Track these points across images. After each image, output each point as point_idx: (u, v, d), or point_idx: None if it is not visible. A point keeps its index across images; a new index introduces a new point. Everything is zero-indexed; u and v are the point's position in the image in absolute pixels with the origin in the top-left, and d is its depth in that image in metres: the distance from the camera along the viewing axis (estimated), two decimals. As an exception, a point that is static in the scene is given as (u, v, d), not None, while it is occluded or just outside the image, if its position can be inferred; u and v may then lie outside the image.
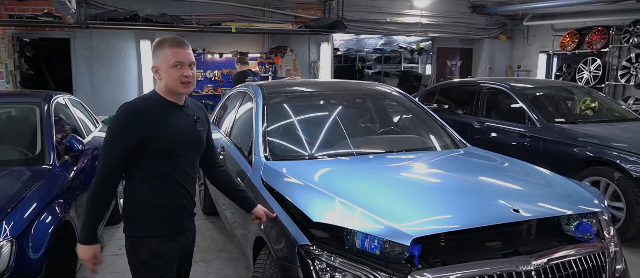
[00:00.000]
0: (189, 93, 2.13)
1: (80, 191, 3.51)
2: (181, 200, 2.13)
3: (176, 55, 2.00)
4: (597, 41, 8.88)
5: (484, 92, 6.21)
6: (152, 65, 2.08)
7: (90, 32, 7.53)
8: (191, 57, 2.05)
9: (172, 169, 2.07)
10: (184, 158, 2.10)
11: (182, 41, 2.04)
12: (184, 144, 2.09)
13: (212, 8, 8.02)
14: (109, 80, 7.82)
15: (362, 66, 15.93)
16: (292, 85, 4.38)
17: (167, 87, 2.06)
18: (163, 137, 2.00)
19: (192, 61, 2.05)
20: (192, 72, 2.04)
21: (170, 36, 2.08)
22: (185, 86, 2.03)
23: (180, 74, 2.00)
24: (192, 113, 2.16)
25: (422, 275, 2.07)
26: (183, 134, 2.08)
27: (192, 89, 2.10)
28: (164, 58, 2.01)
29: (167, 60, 2.00)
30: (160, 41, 2.05)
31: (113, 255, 4.35)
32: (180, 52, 2.00)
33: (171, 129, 2.03)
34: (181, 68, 2.01)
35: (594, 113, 5.84)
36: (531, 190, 2.78)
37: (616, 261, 2.50)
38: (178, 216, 2.14)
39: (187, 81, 2.02)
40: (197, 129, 2.17)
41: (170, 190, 2.08)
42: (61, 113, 4.03)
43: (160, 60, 2.03)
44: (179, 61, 2.00)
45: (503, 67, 11.03)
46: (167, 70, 2.01)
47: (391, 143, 3.64)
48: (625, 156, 4.46)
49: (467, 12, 10.37)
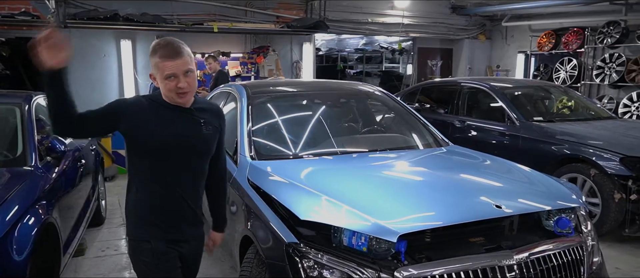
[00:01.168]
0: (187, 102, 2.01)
1: (63, 193, 3.48)
2: (176, 206, 2.04)
3: (168, 68, 1.90)
4: (573, 42, 9.09)
5: (464, 91, 6.32)
6: (150, 73, 2.00)
7: (69, 32, 7.41)
8: (186, 65, 1.93)
9: (167, 173, 1.99)
10: (181, 162, 2.01)
11: (174, 50, 1.91)
12: (181, 147, 1.99)
13: (194, 8, 7.97)
14: (89, 80, 7.70)
15: (343, 66, 16.00)
16: (276, 85, 4.40)
17: (166, 97, 1.99)
18: (150, 136, 1.94)
19: (187, 69, 1.93)
20: (188, 81, 1.93)
21: (163, 41, 1.95)
22: (180, 96, 1.95)
23: (175, 85, 1.92)
24: (199, 117, 2.05)
25: (408, 271, 2.11)
26: (181, 136, 1.99)
27: (191, 97, 2.02)
28: (157, 69, 1.93)
29: (160, 72, 1.92)
30: (153, 49, 1.94)
31: (95, 257, 4.31)
32: (171, 64, 1.90)
33: (164, 130, 1.95)
34: (175, 79, 1.92)
35: (570, 112, 6.00)
36: (512, 187, 2.85)
37: (593, 254, 2.59)
38: (174, 223, 2.05)
39: (182, 92, 1.94)
40: (202, 133, 2.06)
41: (164, 194, 2.01)
42: (42, 114, 3.97)
43: (155, 70, 1.95)
44: (173, 74, 1.91)
45: (482, 67, 11.21)
46: (162, 81, 1.94)
47: (374, 142, 3.68)
48: (600, 153, 4.59)
49: (447, 13, 10.50)
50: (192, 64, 1.96)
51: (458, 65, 11.20)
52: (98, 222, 5.01)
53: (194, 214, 2.10)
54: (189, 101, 2.02)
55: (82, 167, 4.17)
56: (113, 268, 4.07)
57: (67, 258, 3.35)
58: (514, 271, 2.22)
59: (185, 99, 1.97)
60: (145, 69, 8.00)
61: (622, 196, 4.41)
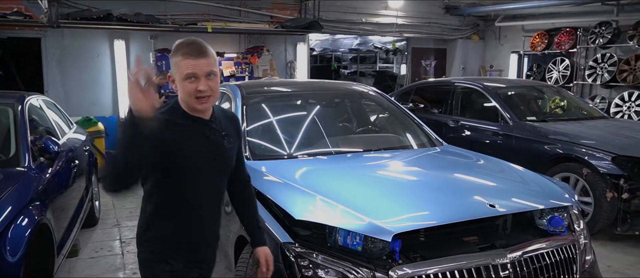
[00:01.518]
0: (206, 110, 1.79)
1: (57, 194, 3.46)
2: (198, 227, 1.85)
3: (188, 66, 1.68)
4: (566, 42, 9.15)
5: (458, 91, 6.34)
6: (169, 74, 1.79)
7: (62, 32, 7.36)
8: (210, 66, 1.71)
9: (188, 194, 1.79)
10: (204, 181, 1.81)
11: (199, 48, 1.70)
12: (205, 165, 1.79)
13: (188, 8, 7.95)
14: (81, 81, 7.66)
15: (338, 66, 16.02)
16: (270, 85, 4.40)
17: (182, 100, 1.76)
18: (178, 156, 1.72)
19: (210, 70, 1.70)
20: (210, 85, 1.70)
21: (188, 40, 1.74)
22: (200, 101, 1.71)
23: (194, 87, 1.69)
24: (219, 128, 1.84)
25: (402, 270, 2.12)
26: (205, 153, 1.78)
27: (212, 104, 1.79)
28: (177, 69, 1.71)
29: (179, 71, 1.70)
30: (175, 47, 1.73)
31: (89, 257, 4.29)
32: (193, 63, 1.68)
33: (189, 148, 1.74)
34: (195, 81, 1.69)
35: (563, 112, 6.04)
36: (506, 186, 2.87)
37: (586, 252, 2.61)
38: (195, 244, 1.86)
39: (202, 96, 1.70)
40: (225, 147, 1.85)
41: (186, 215, 1.80)
42: (34, 114, 3.96)
43: (174, 70, 1.74)
44: (193, 74, 1.68)
45: (476, 67, 11.25)
46: (180, 82, 1.71)
47: (369, 142, 3.69)
48: (593, 153, 4.63)
49: (441, 13, 10.54)
50: (216, 67, 1.75)
51: (452, 65, 11.24)
52: (92, 223, 5.00)
53: (213, 234, 1.94)
54: (208, 110, 1.80)
55: (75, 168, 4.15)
56: (107, 269, 4.06)
57: (60, 259, 3.34)
58: (507, 269, 2.24)
59: (205, 105, 1.74)
60: (138, 69, 7.97)
61: (614, 195, 4.45)
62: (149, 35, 7.90)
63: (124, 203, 6.01)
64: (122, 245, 4.58)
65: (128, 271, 4.01)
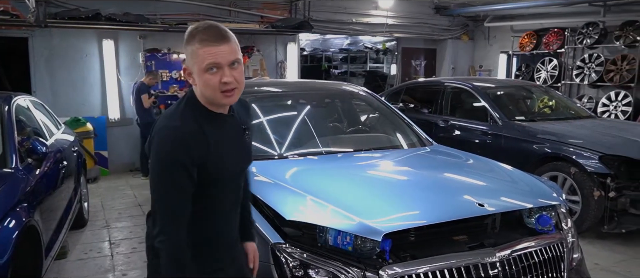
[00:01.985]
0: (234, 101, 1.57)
1: (45, 195, 3.43)
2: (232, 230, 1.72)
3: (210, 55, 1.45)
4: (554, 42, 9.23)
5: (448, 91, 6.38)
6: (185, 66, 1.56)
7: (50, 31, 7.27)
8: (234, 53, 1.49)
9: (219, 196, 1.61)
10: (232, 181, 1.64)
11: (220, 33, 1.47)
12: (234, 165, 1.62)
13: (177, 7, 7.90)
14: (70, 81, 7.58)
15: (328, 66, 16.02)
16: (261, 85, 4.39)
17: (202, 96, 1.53)
18: (213, 161, 1.51)
19: (235, 58, 1.49)
20: (235, 75, 1.49)
21: (205, 23, 1.50)
22: (226, 95, 1.50)
23: (218, 80, 1.47)
24: (239, 121, 1.66)
25: (393, 269, 2.13)
26: (233, 152, 1.61)
27: (238, 97, 1.55)
28: (194, 59, 1.48)
29: (198, 62, 1.47)
30: (190, 33, 1.49)
31: (78, 259, 4.26)
32: (214, 51, 1.45)
33: (220, 150, 1.54)
34: (218, 72, 1.47)
35: (551, 111, 6.10)
36: (495, 186, 2.89)
37: (573, 251, 2.64)
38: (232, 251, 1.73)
39: (228, 89, 1.48)
40: (246, 141, 1.68)
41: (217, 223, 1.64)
42: (22, 115, 3.92)
43: (191, 61, 1.50)
44: (215, 63, 1.46)
45: (465, 67, 11.32)
46: (200, 75, 1.48)
47: (359, 142, 3.70)
48: (580, 152, 4.68)
49: (431, 13, 10.58)
50: (240, 54, 1.53)
51: (441, 65, 11.30)
52: (80, 224, 4.96)
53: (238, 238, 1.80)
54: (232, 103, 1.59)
55: (64, 169, 4.11)
56: (96, 270, 4.03)
57: (49, 261, 3.31)
58: (496, 268, 2.26)
59: (231, 99, 1.52)
60: (128, 69, 7.91)
61: (601, 194, 4.50)
62: (138, 35, 7.84)
63: (113, 204, 5.97)
64: (112, 247, 4.55)
65: (117, 272, 3.99)
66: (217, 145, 1.52)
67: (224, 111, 1.59)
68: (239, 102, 1.70)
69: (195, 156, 1.46)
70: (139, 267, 4.08)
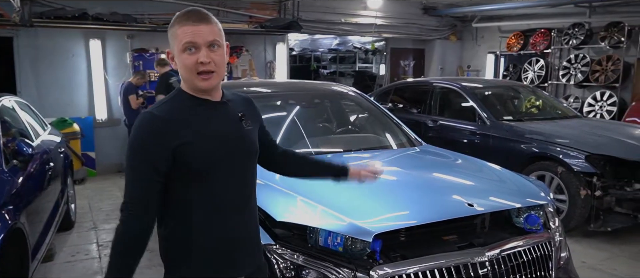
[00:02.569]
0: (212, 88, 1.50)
1: (31, 197, 3.38)
2: (234, 234, 1.57)
3: (187, 34, 1.42)
4: (541, 42, 9.33)
5: (436, 91, 6.41)
6: (168, 50, 1.54)
7: (36, 31, 7.17)
8: (213, 35, 1.45)
9: (216, 192, 1.51)
10: (231, 173, 1.53)
11: (199, 14, 1.45)
12: (228, 154, 1.52)
13: (165, 7, 7.84)
14: (56, 81, 7.48)
15: (317, 66, 16.02)
16: (250, 85, 4.38)
17: (184, 80, 1.50)
18: (195, 148, 1.45)
19: (214, 40, 1.45)
20: (214, 57, 1.44)
21: (188, 8, 1.49)
22: (203, 78, 1.45)
23: (194, 60, 1.43)
24: (234, 108, 1.58)
25: (383, 269, 2.13)
26: (225, 140, 1.51)
27: (217, 82, 1.50)
28: (174, 40, 1.46)
29: (177, 42, 1.45)
30: (174, 19, 1.49)
31: (65, 262, 4.21)
32: (192, 29, 1.42)
33: (205, 136, 1.47)
34: (196, 52, 1.43)
35: (538, 111, 6.16)
36: (484, 186, 2.92)
37: (561, 249, 2.67)
38: (230, 256, 1.57)
39: (205, 71, 1.44)
40: (245, 129, 1.58)
41: (216, 223, 1.52)
42: (7, 116, 3.86)
43: (172, 44, 1.48)
44: (191, 42, 1.42)
45: (454, 67, 11.39)
46: (179, 57, 1.45)
47: (349, 142, 3.71)
48: (567, 151, 4.73)
49: (419, 14, 10.63)
50: (222, 39, 1.49)
51: (430, 65, 11.36)
52: (67, 226, 4.90)
53: (252, 236, 1.66)
54: (215, 89, 1.52)
55: (50, 170, 4.06)
56: (83, 273, 3.98)
57: (35, 264, 3.26)
58: (485, 267, 2.27)
59: (209, 82, 1.46)
60: (115, 69, 7.84)
61: (587, 193, 4.55)
62: (126, 35, 7.77)
63: (101, 205, 5.91)
64: (99, 249, 4.50)
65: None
66: (200, 134, 1.46)
67: (211, 97, 1.52)
68: (244, 99, 1.70)
69: (168, 146, 1.42)
70: (127, 269, 4.04)
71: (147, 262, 4.15)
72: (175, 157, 1.43)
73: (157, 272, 3.92)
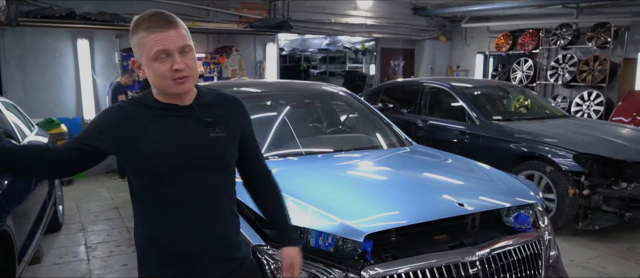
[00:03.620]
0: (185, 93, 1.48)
1: (17, 199, 3.33)
2: (191, 241, 1.52)
3: (157, 41, 1.38)
4: (529, 43, 9.41)
5: (426, 91, 6.43)
6: (133, 59, 1.48)
7: (22, 30, 7.09)
8: (183, 39, 1.42)
9: (171, 197, 1.48)
10: (191, 180, 1.49)
11: (165, 19, 1.41)
12: (183, 161, 1.47)
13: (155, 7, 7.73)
14: (43, 81, 7.40)
15: (307, 66, 16.01)
16: (239, 85, 4.36)
17: (155, 88, 1.48)
18: (143, 152, 1.44)
19: (185, 44, 1.42)
20: (186, 61, 1.41)
21: (148, 12, 1.43)
22: (179, 83, 1.42)
23: (168, 68, 1.39)
24: (203, 114, 1.51)
25: (374, 270, 2.13)
26: (178, 147, 1.47)
27: (192, 85, 1.48)
28: (142, 48, 1.41)
29: (146, 51, 1.40)
30: (135, 23, 1.42)
31: (53, 264, 4.16)
32: (162, 37, 1.38)
33: (157, 142, 1.45)
34: (168, 59, 1.39)
35: (527, 111, 6.21)
36: (474, 185, 2.93)
37: (550, 248, 2.69)
38: (188, 264, 1.53)
39: (180, 77, 1.41)
40: (209, 136, 1.51)
41: (173, 227, 1.51)
42: (-7, 116, 3.81)
43: (139, 51, 1.43)
44: (164, 50, 1.39)
45: (443, 67, 11.45)
46: (149, 65, 1.41)
47: (339, 142, 3.70)
48: (555, 150, 4.77)
49: (409, 14, 10.68)
50: (190, 41, 1.46)
51: (420, 65, 11.40)
52: (55, 228, 4.84)
53: (217, 245, 1.58)
54: (188, 93, 1.49)
55: (37, 171, 4.00)
56: (72, 275, 3.94)
57: (22, 266, 3.22)
58: (476, 267, 2.28)
59: (185, 86, 1.43)
60: (103, 69, 7.77)
61: (575, 192, 4.60)
62: (114, 34, 7.70)
63: (89, 206, 5.85)
64: (88, 250, 4.45)
65: (94, 276, 3.90)
66: (151, 133, 1.46)
67: (179, 101, 1.49)
68: (226, 100, 1.63)
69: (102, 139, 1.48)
70: (116, 270, 4.01)
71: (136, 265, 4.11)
72: (118, 154, 1.50)
73: (146, 274, 3.89)
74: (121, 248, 4.48)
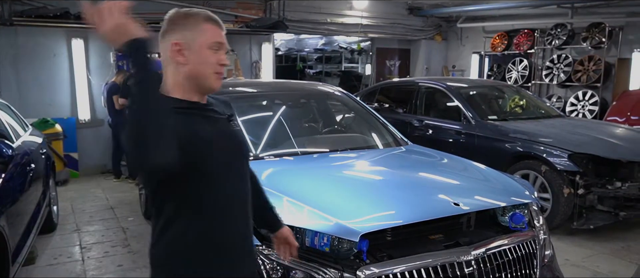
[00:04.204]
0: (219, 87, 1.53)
1: (11, 199, 3.32)
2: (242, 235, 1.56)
3: (217, 33, 1.48)
4: (524, 43, 9.44)
5: (422, 91, 6.44)
6: (175, 41, 1.45)
7: (15, 30, 7.05)
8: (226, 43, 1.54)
9: (229, 191, 1.51)
10: (237, 173, 1.54)
11: (218, 21, 1.53)
12: (226, 154, 1.51)
13: (150, 6, 7.75)
14: (38, 81, 7.35)
15: (303, 66, 16.01)
16: (236, 85, 4.35)
17: (190, 77, 1.46)
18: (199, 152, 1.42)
19: (228, 49, 1.55)
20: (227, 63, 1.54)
21: (201, 10, 1.52)
22: (217, 77, 1.49)
23: (218, 59, 1.47)
24: (221, 111, 1.59)
25: (370, 269, 2.13)
26: (221, 141, 1.50)
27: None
28: (198, 33, 1.45)
29: (204, 37, 1.46)
30: (191, 12, 1.49)
31: (47, 265, 4.14)
32: (219, 32, 1.50)
33: (206, 140, 1.45)
34: (219, 51, 1.48)
35: (522, 111, 6.23)
36: (469, 185, 2.93)
37: (545, 247, 2.70)
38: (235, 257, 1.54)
39: (221, 71, 1.50)
40: (235, 130, 1.65)
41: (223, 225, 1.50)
42: (-13, 116, 3.78)
43: (191, 35, 1.45)
44: (221, 43, 1.49)
45: (439, 67, 11.46)
46: (200, 51, 1.45)
47: (335, 142, 3.71)
48: (550, 150, 4.79)
49: (405, 14, 10.68)
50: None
51: (415, 65, 11.41)
52: (50, 229, 4.82)
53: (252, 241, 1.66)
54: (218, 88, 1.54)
55: (31, 172, 3.99)
56: (66, 276, 3.92)
57: (16, 267, 3.20)
58: (471, 266, 2.29)
59: (220, 82, 1.51)
60: (98, 69, 7.73)
61: (570, 191, 4.61)
62: (206, 9, 7.66)
63: (84, 207, 5.83)
64: (82, 251, 4.43)
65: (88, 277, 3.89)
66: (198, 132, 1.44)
67: (201, 100, 1.51)
68: (222, 101, 1.67)
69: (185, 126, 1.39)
70: (111, 271, 3.99)
71: (132, 264, 4.10)
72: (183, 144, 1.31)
73: (142, 273, 3.88)
74: (116, 249, 4.46)
